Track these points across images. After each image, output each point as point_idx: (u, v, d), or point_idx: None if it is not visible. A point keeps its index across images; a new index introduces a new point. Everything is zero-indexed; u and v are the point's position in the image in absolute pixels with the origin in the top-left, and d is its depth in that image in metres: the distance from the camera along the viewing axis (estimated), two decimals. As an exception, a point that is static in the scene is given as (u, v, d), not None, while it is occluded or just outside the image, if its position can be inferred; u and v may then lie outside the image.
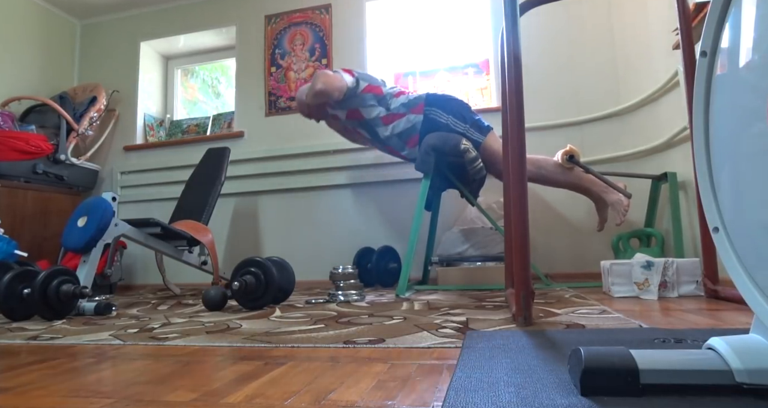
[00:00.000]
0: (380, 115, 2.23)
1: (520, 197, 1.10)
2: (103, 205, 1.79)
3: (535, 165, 2.15)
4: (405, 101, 2.23)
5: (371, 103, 2.23)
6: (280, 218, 2.93)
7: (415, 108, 2.20)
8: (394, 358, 0.81)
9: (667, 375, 0.54)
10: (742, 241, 0.59)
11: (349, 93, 2.21)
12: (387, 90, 2.27)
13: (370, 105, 2.23)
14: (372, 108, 2.23)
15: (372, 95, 2.23)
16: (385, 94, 2.25)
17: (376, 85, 2.26)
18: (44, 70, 3.25)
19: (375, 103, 2.23)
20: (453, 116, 2.16)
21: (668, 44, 1.96)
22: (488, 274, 2.15)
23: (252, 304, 1.62)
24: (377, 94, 2.24)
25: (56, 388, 0.69)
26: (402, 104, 2.22)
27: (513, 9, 1.19)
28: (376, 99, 2.23)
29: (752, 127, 0.55)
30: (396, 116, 2.21)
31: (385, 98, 2.24)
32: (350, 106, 2.25)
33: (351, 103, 2.24)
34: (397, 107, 2.22)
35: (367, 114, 2.24)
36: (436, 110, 2.18)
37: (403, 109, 2.21)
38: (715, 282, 1.52)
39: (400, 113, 2.20)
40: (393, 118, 2.21)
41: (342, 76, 2.20)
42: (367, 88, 2.23)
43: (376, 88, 2.25)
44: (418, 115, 2.18)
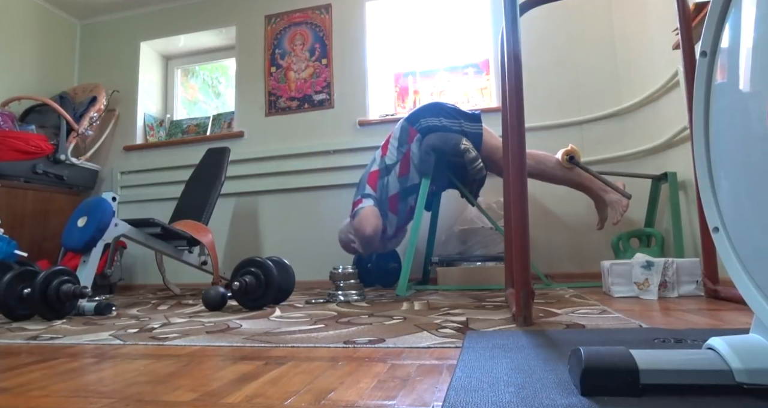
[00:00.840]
0: (397, 173, 2.17)
1: (520, 197, 1.10)
2: (103, 205, 1.79)
3: (535, 160, 2.14)
4: (396, 144, 2.19)
5: (389, 183, 2.18)
6: (280, 218, 2.93)
7: (409, 138, 2.17)
8: (394, 358, 0.81)
9: (667, 375, 0.54)
10: (742, 241, 0.59)
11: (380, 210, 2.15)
12: (377, 164, 2.23)
13: (389, 184, 2.18)
14: (390, 185, 2.18)
15: (378, 183, 2.19)
16: (379, 169, 2.21)
17: (373, 176, 2.21)
18: (44, 70, 3.25)
19: (387, 181, 2.18)
20: (444, 117, 2.15)
21: (668, 44, 1.95)
22: (488, 274, 2.15)
23: (252, 304, 1.62)
24: (378, 178, 2.20)
25: (56, 388, 0.69)
26: (396, 148, 2.18)
27: (513, 9, 1.19)
28: (380, 179, 2.20)
29: (752, 127, 0.55)
30: (405, 161, 2.16)
31: (386, 169, 2.20)
32: (386, 209, 2.19)
33: (383, 208, 2.18)
34: (396, 155, 2.18)
35: (393, 190, 2.18)
36: (425, 119, 2.16)
37: (403, 149, 2.17)
38: (715, 282, 1.52)
39: (405, 157, 2.17)
40: (405, 165, 2.16)
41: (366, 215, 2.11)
42: (372, 184, 2.19)
43: (372, 176, 2.21)
44: (416, 138, 2.15)
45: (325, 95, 2.95)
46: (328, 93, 2.95)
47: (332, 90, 2.94)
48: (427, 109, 2.20)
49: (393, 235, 2.27)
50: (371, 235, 2.06)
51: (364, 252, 2.24)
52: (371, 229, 2.06)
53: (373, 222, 2.07)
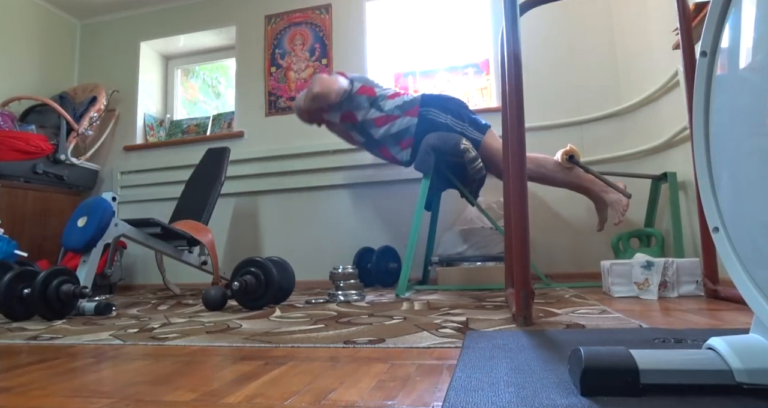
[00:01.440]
0: (373, 117, 2.22)
1: (520, 197, 1.10)
2: (103, 205, 1.79)
3: (535, 163, 2.14)
4: (399, 103, 2.21)
5: (364, 105, 2.22)
6: (280, 218, 2.93)
7: (410, 110, 2.19)
8: (394, 358, 0.81)
9: (667, 375, 0.54)
10: (742, 241, 0.59)
11: (345, 96, 2.21)
12: (380, 91, 2.27)
13: (363, 107, 2.22)
14: (365, 110, 2.23)
15: (365, 97, 2.23)
16: (378, 95, 2.24)
17: (369, 87, 2.26)
18: (44, 70, 3.25)
19: (368, 105, 2.22)
20: (451, 116, 2.15)
21: (668, 44, 1.95)
22: (488, 274, 2.15)
23: (252, 304, 1.62)
24: (370, 95, 2.24)
25: (56, 388, 0.69)
26: (396, 106, 2.21)
27: (513, 9, 1.19)
28: (369, 101, 2.23)
29: (752, 127, 0.55)
30: (390, 118, 2.20)
31: (377, 100, 2.23)
32: (344, 109, 2.25)
33: (345, 106, 2.24)
34: (391, 109, 2.21)
35: (361, 116, 2.23)
36: (433, 110, 2.17)
37: (397, 111, 2.20)
38: (715, 282, 1.52)
39: (394, 115, 2.20)
40: (387, 120, 2.20)
41: (338, 78, 2.20)
42: (360, 90, 2.23)
43: (369, 90, 2.24)
44: (412, 117, 2.17)
45: (325, 95, 2.94)
46: (328, 93, 2.94)
47: (332, 90, 2.94)
48: (440, 102, 2.20)
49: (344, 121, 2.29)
50: (318, 92, 2.15)
51: (296, 112, 2.35)
52: (319, 88, 2.14)
53: (326, 84, 2.16)
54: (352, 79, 2.25)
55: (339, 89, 2.17)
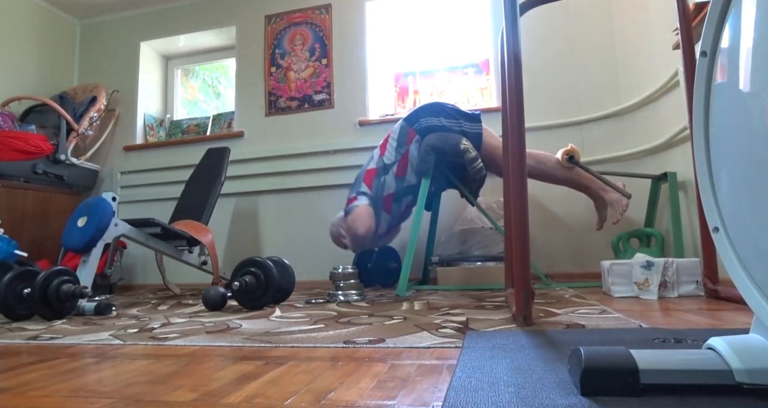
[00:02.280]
0: (394, 173, 2.17)
1: (520, 197, 1.10)
2: (103, 205, 1.79)
3: (535, 159, 2.14)
4: (394, 144, 2.19)
5: (385, 183, 2.18)
6: (280, 218, 2.93)
7: (406, 139, 2.17)
8: (394, 358, 0.81)
9: (667, 375, 0.54)
10: (742, 241, 0.59)
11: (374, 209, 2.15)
12: (375, 162, 2.23)
13: (384, 183, 2.18)
14: (386, 185, 2.18)
15: (376, 180, 2.19)
16: (377, 167, 2.21)
17: (370, 174, 2.21)
18: (44, 70, 3.25)
19: (383, 179, 2.19)
20: (444, 117, 2.15)
21: (668, 44, 1.95)
22: (488, 274, 2.15)
23: (252, 304, 1.62)
24: (376, 175, 2.20)
25: (56, 388, 0.69)
26: (395, 149, 2.19)
27: (513, 9, 1.19)
28: (377, 178, 2.20)
29: (752, 127, 0.55)
30: (402, 162, 2.17)
31: (384, 168, 2.20)
32: (380, 207, 2.19)
33: (378, 206, 2.18)
34: (394, 155, 2.18)
35: (389, 189, 2.18)
36: (423, 120, 2.16)
37: (401, 150, 2.17)
38: (715, 282, 1.52)
39: (402, 157, 2.17)
40: (403, 165, 2.17)
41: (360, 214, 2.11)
42: (368, 182, 2.19)
43: (368, 175, 2.21)
44: (415, 139, 2.15)
45: (325, 95, 2.95)
46: (328, 93, 2.95)
47: (332, 90, 2.94)
48: (427, 109, 2.20)
49: (384, 234, 2.29)
50: (363, 235, 2.08)
51: (353, 249, 2.28)
52: (363, 229, 2.08)
53: (366, 222, 2.09)
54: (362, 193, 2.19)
55: (370, 224, 2.10)
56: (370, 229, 2.09)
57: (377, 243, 2.32)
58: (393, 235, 2.40)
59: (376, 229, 2.16)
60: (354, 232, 2.09)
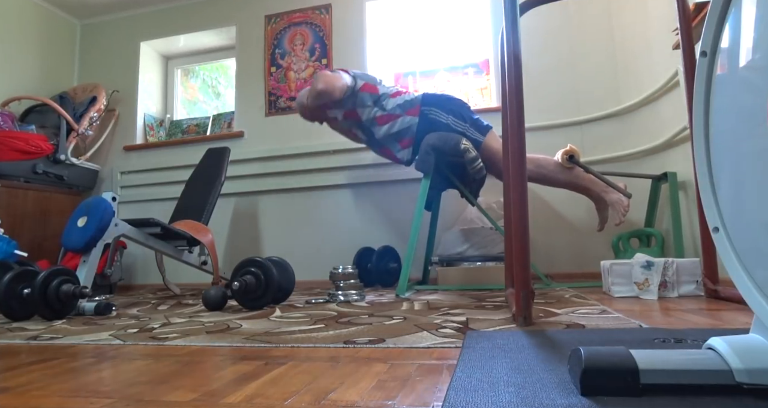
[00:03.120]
0: (376, 115, 2.22)
1: (520, 197, 1.10)
2: (103, 205, 1.79)
3: (535, 164, 2.14)
4: (401, 102, 2.22)
5: (368, 103, 2.23)
6: (280, 218, 2.93)
7: (411, 109, 2.19)
8: (394, 358, 0.81)
9: (667, 375, 0.54)
10: (742, 240, 0.59)
11: (348, 92, 2.21)
12: (383, 89, 2.27)
13: (367, 105, 2.23)
14: (368, 108, 2.23)
15: (368, 95, 2.23)
16: (381, 93, 2.24)
17: (372, 84, 2.26)
18: (44, 70, 3.25)
19: (371, 103, 2.23)
20: (453, 116, 2.16)
21: (668, 44, 1.95)
22: (488, 274, 2.15)
23: (252, 304, 1.62)
24: (373, 93, 2.24)
25: (56, 388, 0.69)
26: (398, 105, 2.21)
27: (513, 9, 1.19)
28: (372, 98, 2.23)
29: (752, 127, 0.55)
30: (392, 117, 2.20)
31: (380, 98, 2.24)
32: (347, 107, 2.25)
33: (348, 104, 2.24)
34: (393, 108, 2.21)
35: (364, 114, 2.23)
36: (435, 110, 2.17)
37: (398, 110, 2.20)
38: (715, 282, 1.52)
39: (395, 114, 2.20)
40: (388, 119, 2.21)
41: (341, 75, 2.20)
42: (364, 87, 2.23)
43: (372, 88, 2.25)
44: (413, 117, 2.18)
45: (325, 95, 2.94)
46: (328, 93, 2.94)
47: (332, 90, 2.94)
48: (443, 101, 2.21)
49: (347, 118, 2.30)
50: (321, 89, 2.15)
51: (298, 109, 2.38)
52: (323, 85, 2.15)
53: (330, 80, 2.16)
54: (355, 75, 2.25)
55: (342, 86, 2.17)
56: (331, 89, 2.15)
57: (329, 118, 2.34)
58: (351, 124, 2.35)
59: (342, 102, 2.22)
60: (314, 86, 2.18)
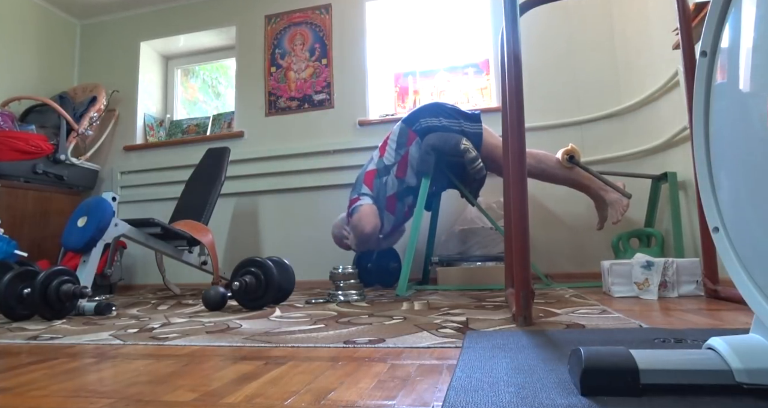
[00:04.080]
0: (395, 175, 2.16)
1: (520, 197, 1.10)
2: (103, 205, 1.79)
3: (536, 159, 2.15)
4: (394, 146, 2.19)
5: (387, 183, 2.17)
6: (280, 218, 2.93)
7: (407, 141, 2.17)
8: (394, 358, 0.81)
9: (667, 375, 0.54)
10: (742, 241, 0.59)
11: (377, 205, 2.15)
12: (375, 163, 2.23)
13: (387, 184, 2.17)
14: (389, 185, 2.17)
15: (377, 181, 2.18)
16: (377, 169, 2.21)
17: (370, 176, 2.21)
18: (44, 70, 3.25)
19: (385, 179, 2.18)
20: (444, 117, 2.15)
21: (668, 44, 1.95)
22: (488, 274, 2.15)
23: (252, 304, 1.62)
24: (375, 177, 2.19)
25: (56, 388, 0.69)
26: (394, 150, 2.18)
27: (513, 9, 1.19)
28: (378, 178, 2.19)
29: (752, 127, 0.55)
30: (402, 163, 2.16)
31: (385, 169, 2.19)
32: (383, 207, 2.18)
33: (381, 206, 2.17)
34: (394, 156, 2.18)
35: (391, 190, 2.17)
36: (423, 120, 2.16)
37: (401, 151, 2.17)
38: (715, 282, 1.52)
39: (402, 159, 2.16)
40: (403, 167, 2.16)
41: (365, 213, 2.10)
42: (368, 183, 2.18)
43: (370, 176, 2.20)
44: (415, 141, 2.15)
45: (325, 95, 2.95)
46: (328, 93, 2.95)
47: (332, 90, 2.94)
48: (426, 110, 2.20)
49: (388, 235, 2.28)
50: (369, 233, 2.07)
51: (357, 249, 2.26)
52: (370, 227, 2.06)
53: (372, 221, 2.08)
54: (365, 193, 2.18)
55: (376, 223, 2.09)
56: (376, 228, 2.09)
57: (381, 244, 2.30)
58: (398, 236, 2.39)
59: (380, 228, 2.15)
60: (360, 231, 2.07)
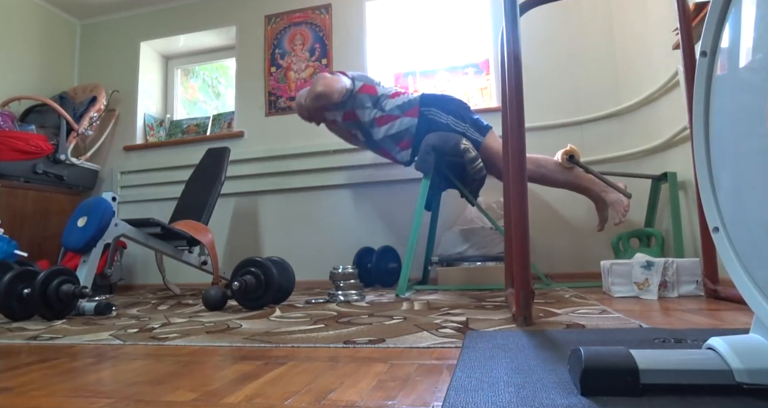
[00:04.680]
0: (375, 117, 2.23)
1: (520, 197, 1.10)
2: (103, 205, 1.79)
3: (535, 164, 2.14)
4: (400, 103, 2.22)
5: (367, 105, 2.23)
6: (280, 218, 2.93)
7: (409, 110, 2.19)
8: (394, 358, 0.81)
9: (667, 375, 0.54)
10: (742, 241, 0.59)
11: (347, 95, 2.21)
12: (382, 90, 2.27)
13: (366, 107, 2.23)
14: (367, 109, 2.23)
15: (367, 96, 2.24)
16: (379, 94, 2.25)
17: (370, 85, 2.26)
18: (44, 70, 3.25)
19: (370, 104, 2.23)
20: (452, 116, 2.16)
21: (668, 44, 1.95)
22: (488, 274, 2.15)
23: (252, 304, 1.62)
24: (372, 94, 2.24)
25: (56, 388, 0.69)
26: (397, 106, 2.21)
27: (513, 9, 1.19)
28: (371, 100, 2.24)
29: (752, 127, 0.55)
30: (390, 118, 2.20)
31: (379, 99, 2.24)
32: (346, 108, 2.26)
33: (347, 105, 2.25)
34: (392, 109, 2.21)
35: (363, 116, 2.24)
36: (434, 110, 2.17)
37: (397, 111, 2.20)
38: (715, 282, 1.52)
39: (394, 115, 2.20)
40: (387, 120, 2.21)
41: (340, 77, 2.20)
42: (362, 89, 2.24)
43: (370, 88, 2.25)
44: (412, 118, 2.18)
45: (325, 95, 2.94)
46: (328, 93, 2.94)
47: (332, 90, 2.94)
48: (443, 102, 2.21)
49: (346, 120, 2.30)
50: (320, 91, 2.16)
51: (297, 110, 2.36)
52: (322, 87, 2.15)
53: (329, 82, 2.17)
54: (354, 77, 2.26)
55: (341, 88, 2.18)
56: (330, 91, 2.15)
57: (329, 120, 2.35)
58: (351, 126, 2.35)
59: (342, 104, 2.22)
60: (313, 88, 2.18)
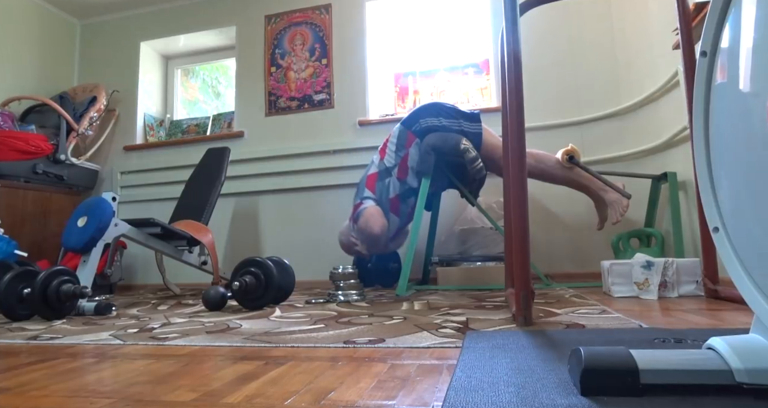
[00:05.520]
0: (397, 179, 2.16)
1: (520, 197, 1.10)
2: (103, 205, 1.79)
3: (536, 159, 2.15)
4: (393, 148, 2.19)
5: (389, 185, 2.17)
6: (280, 218, 2.93)
7: (407, 142, 2.17)
8: (394, 358, 0.81)
9: (667, 375, 0.54)
10: (742, 241, 0.59)
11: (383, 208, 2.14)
12: (375, 166, 2.23)
13: (390, 187, 2.17)
14: (391, 187, 2.17)
15: (380, 184, 2.18)
16: (378, 171, 2.20)
17: (370, 178, 2.21)
18: (44, 70, 3.25)
19: (388, 182, 2.17)
20: (444, 117, 2.15)
21: (668, 44, 1.95)
22: (488, 274, 2.15)
23: (252, 304, 1.62)
24: (376, 179, 2.19)
25: (56, 388, 0.69)
26: (395, 153, 2.18)
27: (513, 9, 1.19)
28: (382, 179, 2.19)
29: (752, 127, 0.55)
30: (403, 165, 2.16)
31: (384, 169, 2.19)
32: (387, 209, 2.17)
33: (385, 208, 2.16)
34: (394, 158, 2.18)
35: (393, 191, 2.17)
36: (424, 120, 2.16)
37: (401, 153, 2.17)
38: (715, 282, 1.52)
39: (402, 161, 2.16)
40: (404, 168, 2.16)
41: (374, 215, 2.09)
42: (371, 186, 2.19)
43: (371, 179, 2.21)
44: (414, 142, 2.15)
45: (325, 95, 2.95)
46: (328, 93, 2.95)
47: (332, 90, 2.94)
48: (425, 110, 2.19)
49: (394, 237, 2.27)
50: (378, 234, 2.04)
51: (367, 252, 2.24)
52: (378, 228, 2.04)
53: (379, 221, 2.06)
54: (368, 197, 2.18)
55: (383, 222, 2.08)
56: (384, 227, 2.07)
57: (387, 246, 2.28)
58: (403, 238, 2.36)
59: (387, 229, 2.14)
60: (369, 232, 2.05)
